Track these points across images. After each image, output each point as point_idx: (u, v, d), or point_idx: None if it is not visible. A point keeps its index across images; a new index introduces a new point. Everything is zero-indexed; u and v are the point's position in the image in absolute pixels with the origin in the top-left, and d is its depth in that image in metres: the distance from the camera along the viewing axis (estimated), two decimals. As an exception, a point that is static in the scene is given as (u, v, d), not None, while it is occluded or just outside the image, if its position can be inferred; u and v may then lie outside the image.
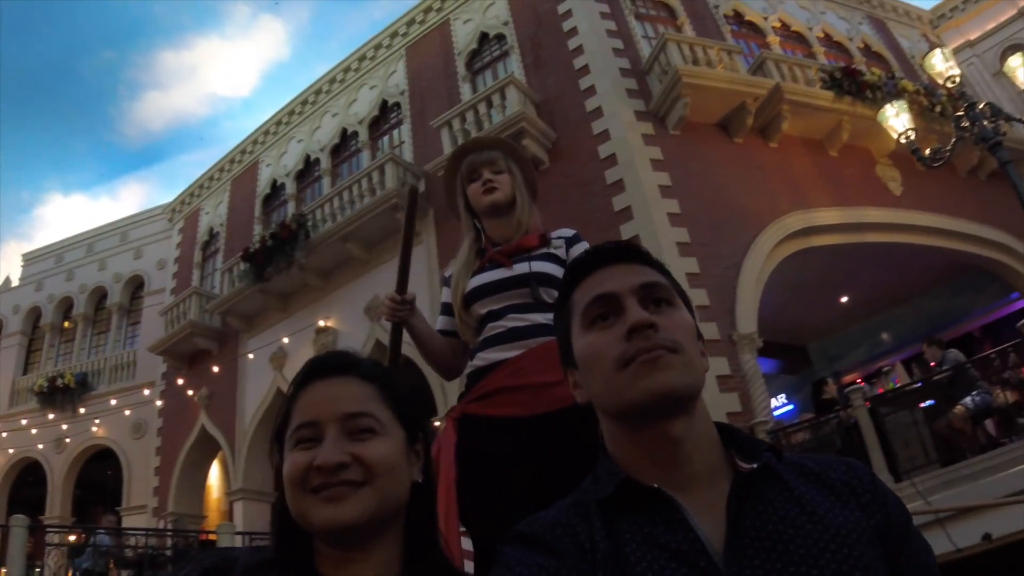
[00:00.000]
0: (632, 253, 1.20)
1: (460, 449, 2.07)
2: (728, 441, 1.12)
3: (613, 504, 1.05)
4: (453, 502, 1.92)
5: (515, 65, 15.02)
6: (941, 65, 11.23)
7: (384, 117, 17.36)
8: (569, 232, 2.44)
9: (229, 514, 16.74)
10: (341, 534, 1.05)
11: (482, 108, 13.71)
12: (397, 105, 16.99)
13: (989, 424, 9.94)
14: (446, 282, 2.44)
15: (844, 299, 16.32)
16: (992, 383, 10.05)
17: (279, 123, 19.68)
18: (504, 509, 1.56)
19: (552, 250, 2.34)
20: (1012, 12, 19.60)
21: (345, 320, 15.47)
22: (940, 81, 11.43)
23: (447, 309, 2.40)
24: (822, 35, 17.02)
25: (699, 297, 11.18)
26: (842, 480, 1.07)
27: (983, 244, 15.07)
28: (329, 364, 1.18)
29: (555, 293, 2.09)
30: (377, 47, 17.94)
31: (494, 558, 1.06)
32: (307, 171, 18.66)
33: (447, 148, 13.71)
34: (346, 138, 17.99)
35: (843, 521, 1.00)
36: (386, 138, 17.11)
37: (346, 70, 18.44)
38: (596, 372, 1.11)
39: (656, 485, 1.03)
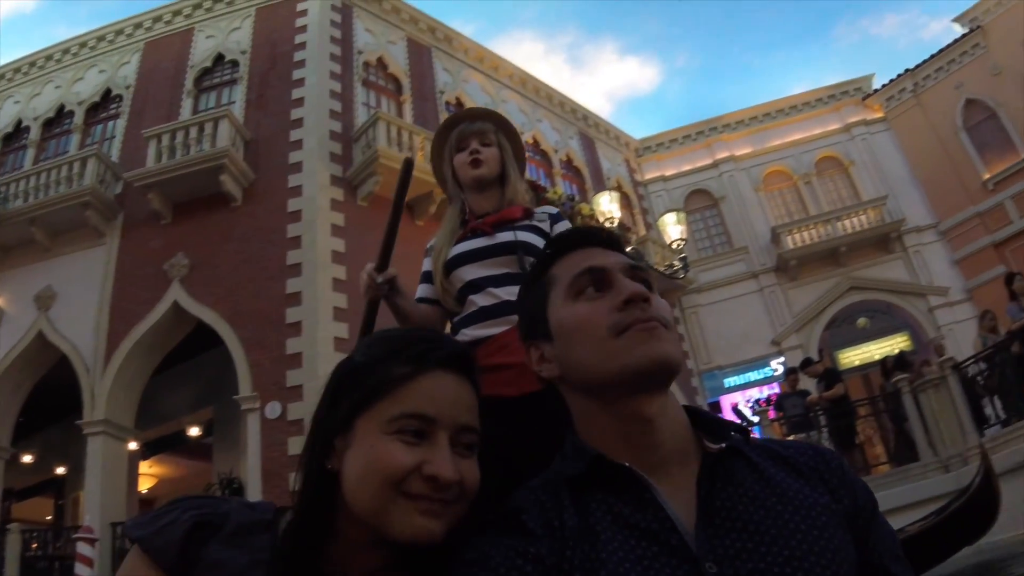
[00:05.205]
0: (615, 243, 1.21)
1: None
2: (695, 423, 1.13)
3: (583, 483, 1.04)
4: None
5: (239, 95, 15.37)
6: (606, 206, 12.86)
7: (104, 105, 16.95)
8: (554, 209, 2.40)
9: None
10: (423, 546, 1.01)
11: (193, 132, 13.87)
12: (120, 97, 16.70)
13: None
14: (428, 252, 2.38)
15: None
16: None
17: (0, 77, 18.76)
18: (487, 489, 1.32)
19: (536, 223, 2.28)
20: (707, 161, 22.42)
21: (13, 303, 14.90)
22: (601, 220, 13.05)
23: (427, 278, 2.34)
24: (531, 141, 18.65)
25: (342, 362, 12.01)
26: (810, 465, 1.08)
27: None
28: (460, 359, 1.12)
29: None
30: (119, 32, 17.52)
31: (467, 547, 1.03)
32: (15, 136, 17.70)
33: (151, 161, 13.80)
34: (62, 115, 17.33)
35: (812, 503, 1.01)
36: (100, 127, 16.78)
37: (82, 45, 17.83)
38: (585, 339, 1.09)
39: (627, 464, 1.03)
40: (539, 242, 2.19)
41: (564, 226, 2.30)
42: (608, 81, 57.93)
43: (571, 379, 1.12)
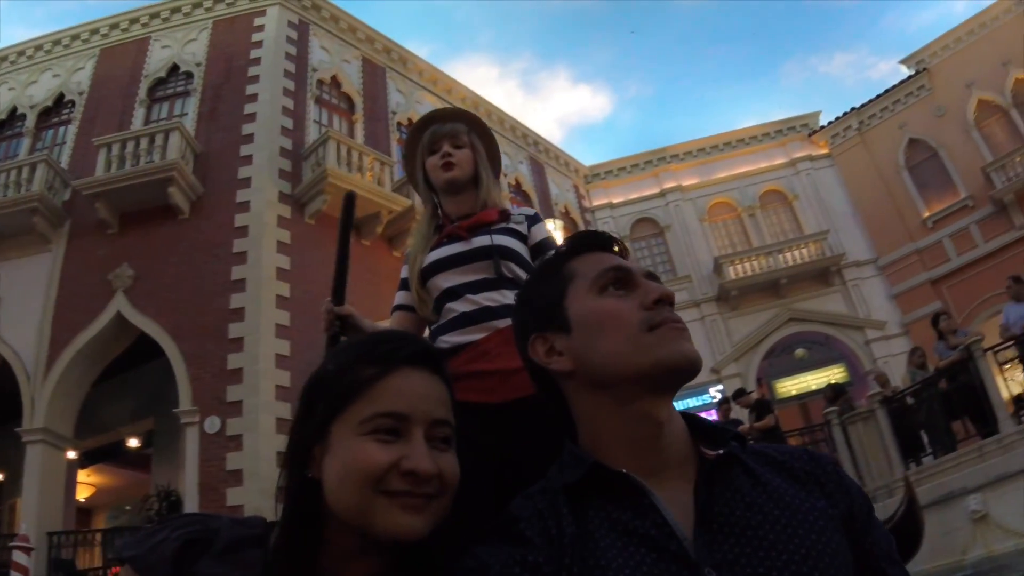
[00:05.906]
0: (626, 254, 1.25)
1: None
2: (693, 430, 1.13)
3: (580, 490, 1.05)
4: None
5: (192, 107, 15.46)
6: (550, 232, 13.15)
7: (56, 110, 16.89)
8: (531, 211, 2.34)
9: None
10: (407, 543, 1.00)
11: (144, 142, 13.93)
12: (72, 103, 16.68)
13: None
14: (407, 259, 2.32)
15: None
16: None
17: (-47, 76, 18.57)
18: (468, 500, 1.29)
19: (513, 225, 2.22)
20: (655, 190, 22.88)
21: (-49, 306, 14.89)
22: (544, 245, 13.33)
23: (405, 285, 2.28)
24: (483, 164, 18.87)
25: (283, 378, 12.17)
26: (806, 470, 1.09)
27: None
28: (427, 355, 1.11)
29: (515, 268, 2.10)
30: (74, 37, 17.51)
31: (465, 555, 1.04)
32: (-35, 137, 17.74)
33: (100, 170, 13.83)
34: (13, 117, 17.23)
35: (809, 508, 1.02)
36: (51, 132, 16.71)
37: (37, 48, 17.76)
38: (616, 331, 1.10)
39: (624, 471, 1.03)
40: (516, 245, 2.16)
41: (542, 227, 2.27)
42: (560, 108, 59.10)
43: (587, 373, 1.11)
